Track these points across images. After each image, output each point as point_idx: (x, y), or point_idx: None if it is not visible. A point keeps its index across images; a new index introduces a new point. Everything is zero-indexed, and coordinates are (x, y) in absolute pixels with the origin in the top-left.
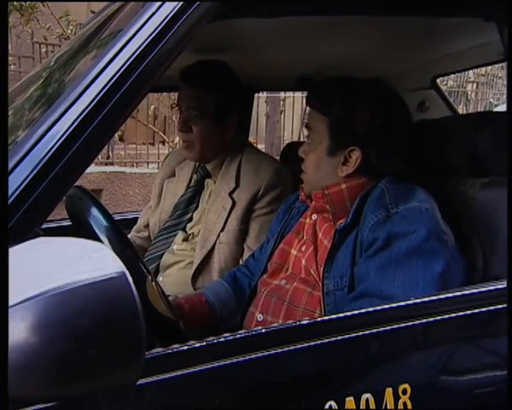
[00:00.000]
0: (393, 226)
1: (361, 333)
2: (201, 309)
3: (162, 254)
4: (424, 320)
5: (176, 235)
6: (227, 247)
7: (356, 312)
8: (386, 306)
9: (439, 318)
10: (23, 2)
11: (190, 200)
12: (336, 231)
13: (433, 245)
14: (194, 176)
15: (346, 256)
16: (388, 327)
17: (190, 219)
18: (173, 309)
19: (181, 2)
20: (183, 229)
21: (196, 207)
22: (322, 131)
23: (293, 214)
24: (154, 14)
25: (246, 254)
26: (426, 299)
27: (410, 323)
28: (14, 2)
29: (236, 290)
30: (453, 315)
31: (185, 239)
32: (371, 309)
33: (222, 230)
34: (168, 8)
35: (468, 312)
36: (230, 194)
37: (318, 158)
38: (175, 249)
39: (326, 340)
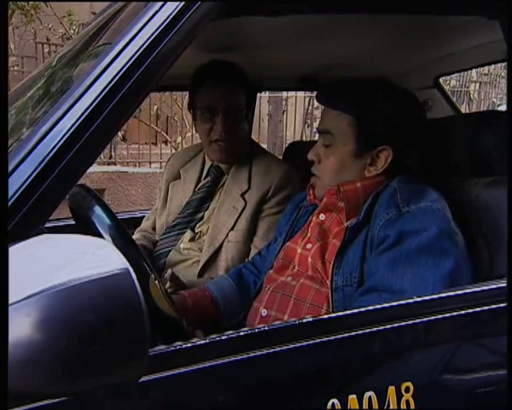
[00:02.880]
0: (405, 224)
1: (364, 331)
2: (205, 304)
3: (169, 252)
4: (427, 319)
5: (184, 233)
6: (235, 246)
7: (359, 310)
8: (389, 304)
9: (441, 316)
10: (25, 3)
11: (203, 199)
12: (347, 229)
13: (444, 244)
14: (208, 178)
15: (356, 253)
16: (391, 325)
17: (201, 218)
18: (176, 307)
19: (182, 2)
20: (192, 228)
21: (208, 206)
22: (346, 132)
23: (301, 213)
24: (156, 13)
25: (252, 254)
26: (429, 297)
27: (413, 321)
28: (18, 3)
29: (241, 287)
30: (456, 313)
31: (192, 239)
32: (374, 307)
33: (231, 229)
34: (170, 8)
35: (471, 310)
36: (242, 195)
37: (341, 161)
38: (181, 248)
39: (329, 338)
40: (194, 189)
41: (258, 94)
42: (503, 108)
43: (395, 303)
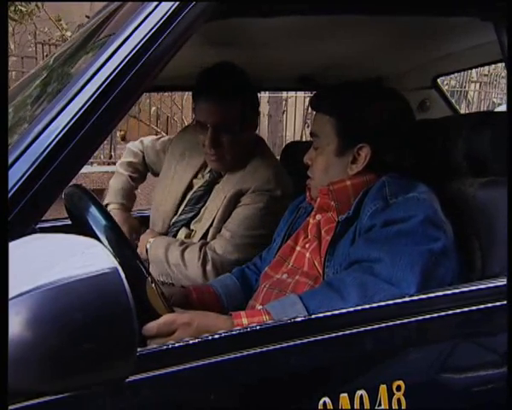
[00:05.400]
0: (391, 214)
1: (356, 330)
2: (209, 299)
3: None
4: (419, 318)
5: (177, 231)
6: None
7: (351, 309)
8: (381, 303)
9: (434, 315)
10: (20, 7)
11: (200, 197)
12: (338, 223)
13: (427, 231)
14: (207, 176)
15: (346, 245)
16: (383, 324)
17: (197, 215)
18: (172, 310)
19: (177, 2)
20: (188, 225)
21: (205, 204)
22: (329, 132)
23: (300, 214)
24: (150, 13)
25: (220, 234)
26: (421, 296)
27: (406, 320)
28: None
29: (244, 285)
30: (448, 313)
31: (187, 236)
32: (366, 307)
33: (210, 226)
34: (164, 8)
35: (464, 309)
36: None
37: (327, 160)
38: None
39: (320, 337)
40: (193, 176)
41: (259, 94)
42: (503, 107)
43: (387, 302)
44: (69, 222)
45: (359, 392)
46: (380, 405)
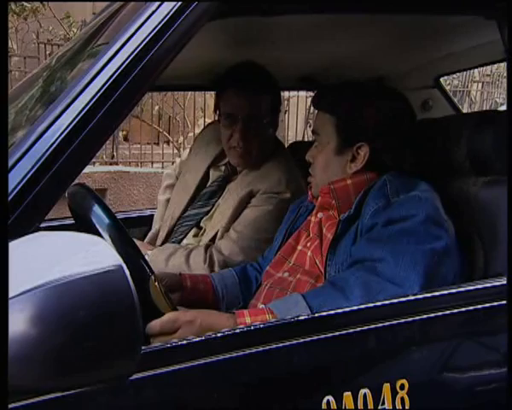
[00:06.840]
0: (392, 213)
1: (359, 329)
2: (203, 288)
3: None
4: (422, 316)
5: (192, 227)
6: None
7: (354, 308)
8: (384, 302)
9: (437, 314)
10: (24, 4)
11: (213, 193)
12: (340, 222)
13: (429, 229)
14: (222, 169)
15: (348, 244)
16: (386, 323)
17: (208, 213)
18: (176, 308)
19: (179, 2)
20: (198, 223)
21: (216, 201)
22: (329, 131)
23: (301, 212)
24: (153, 13)
25: (227, 235)
26: (424, 295)
27: (409, 319)
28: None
29: (243, 280)
30: (451, 312)
31: (196, 235)
32: (369, 305)
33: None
34: (167, 8)
35: (467, 308)
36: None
37: (327, 158)
38: (184, 244)
39: (324, 335)
40: (211, 163)
41: None
42: (504, 107)
43: (390, 301)
44: (70, 222)
45: (363, 391)
46: (383, 403)
